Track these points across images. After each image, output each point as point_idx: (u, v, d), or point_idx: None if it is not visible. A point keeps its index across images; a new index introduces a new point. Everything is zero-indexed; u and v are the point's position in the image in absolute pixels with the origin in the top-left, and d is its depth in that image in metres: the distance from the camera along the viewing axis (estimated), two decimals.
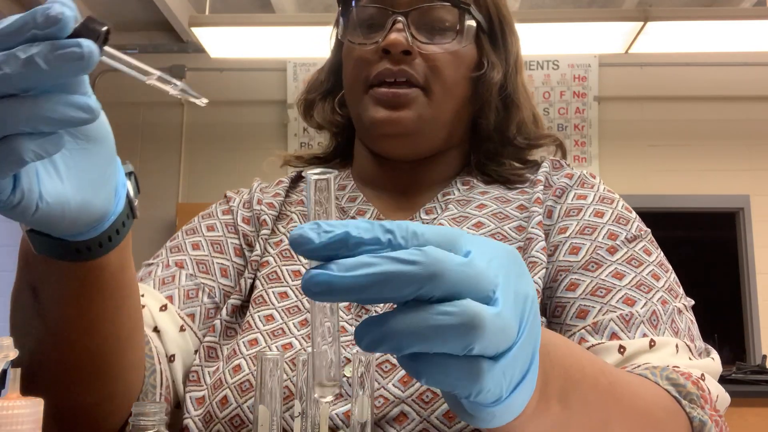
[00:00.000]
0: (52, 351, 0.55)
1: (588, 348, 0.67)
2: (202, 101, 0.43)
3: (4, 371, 0.40)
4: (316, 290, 0.34)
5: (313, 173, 0.40)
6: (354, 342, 0.36)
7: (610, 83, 3.66)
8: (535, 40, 3.04)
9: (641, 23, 2.91)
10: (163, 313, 0.72)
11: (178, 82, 0.43)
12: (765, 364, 2.98)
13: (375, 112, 0.77)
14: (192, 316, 0.74)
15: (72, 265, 0.50)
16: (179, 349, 0.71)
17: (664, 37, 3.05)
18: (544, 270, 0.72)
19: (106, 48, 0.42)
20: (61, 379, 0.56)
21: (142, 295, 0.70)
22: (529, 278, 0.39)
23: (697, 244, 3.54)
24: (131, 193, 0.52)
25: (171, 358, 0.70)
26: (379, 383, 0.64)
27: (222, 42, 3.11)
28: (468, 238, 0.38)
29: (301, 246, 0.34)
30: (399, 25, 0.76)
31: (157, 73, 0.43)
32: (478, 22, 0.80)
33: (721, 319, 3.43)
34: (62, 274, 0.51)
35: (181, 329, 0.72)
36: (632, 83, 3.67)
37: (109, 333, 0.56)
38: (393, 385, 0.63)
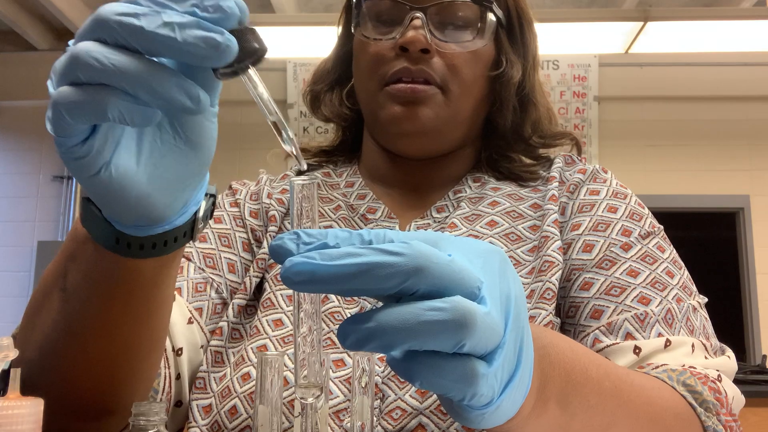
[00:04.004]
0: (64, 341, 0.53)
1: (603, 348, 0.66)
2: (303, 165, 0.41)
3: (5, 371, 0.40)
4: (297, 279, 0.33)
5: (296, 179, 0.40)
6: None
7: (610, 83, 3.66)
8: None
9: (641, 23, 2.92)
10: None
11: (292, 134, 0.41)
12: (765, 364, 2.98)
13: (392, 108, 0.75)
14: (200, 310, 0.72)
15: (107, 254, 0.47)
16: (186, 342, 0.69)
17: (664, 37, 3.06)
18: (560, 271, 0.70)
19: (251, 70, 0.40)
20: (66, 376, 0.54)
21: None
22: (513, 277, 0.39)
23: (697, 244, 3.53)
24: (200, 214, 0.49)
25: (178, 352, 0.68)
26: (396, 394, 0.62)
27: None
28: (448, 240, 0.37)
29: (281, 256, 0.34)
30: (417, 22, 0.74)
31: (281, 118, 0.41)
32: (498, 18, 0.78)
33: (721, 319, 3.42)
34: (95, 258, 0.49)
35: (189, 321, 0.70)
36: (632, 83, 3.67)
37: (125, 343, 0.54)
38: (410, 396, 0.62)
